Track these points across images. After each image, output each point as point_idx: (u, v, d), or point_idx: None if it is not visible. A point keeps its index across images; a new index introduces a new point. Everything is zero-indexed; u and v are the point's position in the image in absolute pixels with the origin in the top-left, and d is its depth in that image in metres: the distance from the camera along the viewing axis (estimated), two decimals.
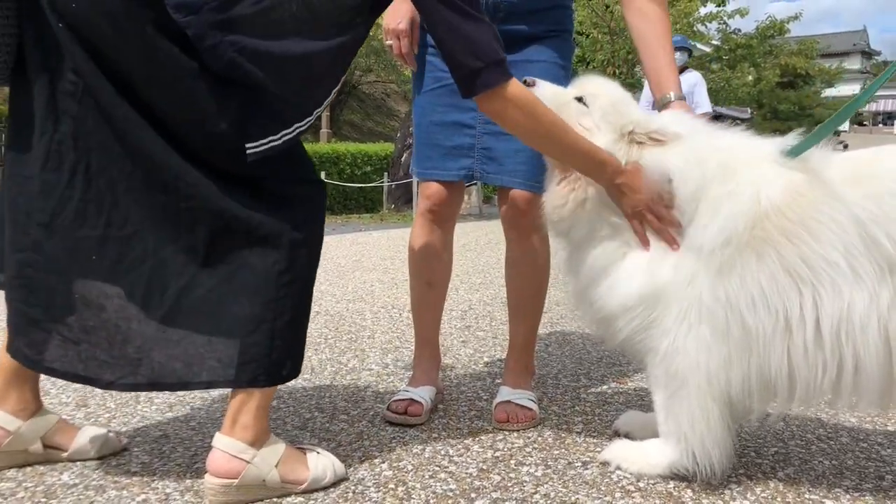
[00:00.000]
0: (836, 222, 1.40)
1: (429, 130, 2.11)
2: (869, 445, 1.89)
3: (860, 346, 1.38)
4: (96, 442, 1.75)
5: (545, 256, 2.17)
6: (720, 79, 19.06)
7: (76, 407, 2.16)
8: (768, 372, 1.48)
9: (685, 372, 1.55)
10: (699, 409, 1.55)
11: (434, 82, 2.08)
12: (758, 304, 1.46)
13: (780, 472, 1.72)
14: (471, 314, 3.56)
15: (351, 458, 1.79)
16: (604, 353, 2.78)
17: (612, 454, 1.75)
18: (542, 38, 2.05)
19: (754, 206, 1.47)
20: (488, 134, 2.04)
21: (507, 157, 2.04)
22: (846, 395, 1.45)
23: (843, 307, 1.39)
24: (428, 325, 2.23)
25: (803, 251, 1.42)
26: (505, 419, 2.00)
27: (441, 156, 2.09)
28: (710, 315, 1.50)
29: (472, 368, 2.59)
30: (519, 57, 2.01)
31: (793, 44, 28.59)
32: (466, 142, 2.06)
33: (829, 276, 1.40)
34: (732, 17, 17.47)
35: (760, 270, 1.46)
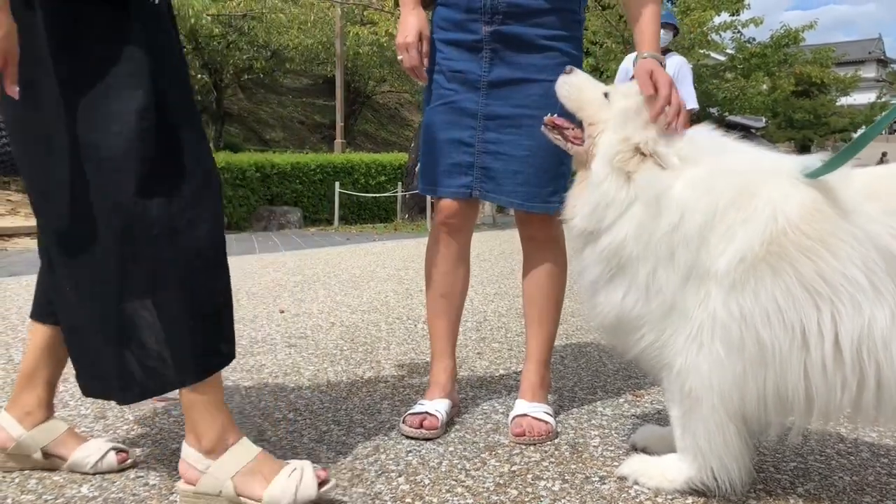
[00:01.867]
0: (856, 238, 1.39)
1: (430, 147, 2.13)
2: (890, 461, 1.87)
3: (883, 362, 1.37)
4: (92, 457, 1.76)
5: (562, 268, 2.18)
6: (735, 87, 18.98)
7: (94, 419, 2.17)
8: (785, 388, 1.47)
9: (699, 390, 1.54)
10: (715, 425, 1.55)
11: (437, 99, 2.11)
12: (773, 319, 1.45)
13: (799, 488, 1.71)
14: (486, 325, 3.55)
15: (367, 471, 1.79)
16: (620, 365, 2.77)
17: (630, 469, 1.75)
18: (543, 47, 2.03)
19: (771, 224, 1.46)
20: (487, 153, 2.05)
21: (506, 178, 2.05)
22: (868, 411, 1.44)
23: (864, 324, 1.38)
24: (443, 338, 2.23)
25: (821, 267, 1.41)
26: (521, 433, 1.99)
27: (441, 172, 2.11)
28: (724, 331, 1.49)
29: (488, 381, 2.59)
30: (518, 73, 2.02)
31: (807, 52, 28.47)
32: (465, 160, 2.07)
33: (849, 292, 1.39)
34: (747, 26, 17.41)
35: (776, 286, 1.44)
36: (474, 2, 2.01)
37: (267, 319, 3.68)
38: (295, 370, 2.72)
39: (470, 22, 2.03)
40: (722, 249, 1.49)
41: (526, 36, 2.01)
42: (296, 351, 3.01)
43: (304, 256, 6.75)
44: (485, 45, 2.03)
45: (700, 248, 1.52)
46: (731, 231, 1.49)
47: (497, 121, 2.04)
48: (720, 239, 1.50)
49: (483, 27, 2.02)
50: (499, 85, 2.04)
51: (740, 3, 16.63)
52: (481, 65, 2.04)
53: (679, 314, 1.55)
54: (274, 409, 2.26)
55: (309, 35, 17.37)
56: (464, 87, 2.06)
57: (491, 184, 2.07)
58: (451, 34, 2.08)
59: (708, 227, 1.51)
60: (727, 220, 1.50)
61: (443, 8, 2.10)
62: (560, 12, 2.03)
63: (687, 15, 15.67)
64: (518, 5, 1.99)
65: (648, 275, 1.57)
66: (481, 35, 2.02)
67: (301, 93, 23.17)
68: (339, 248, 7.76)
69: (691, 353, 1.53)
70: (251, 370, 2.72)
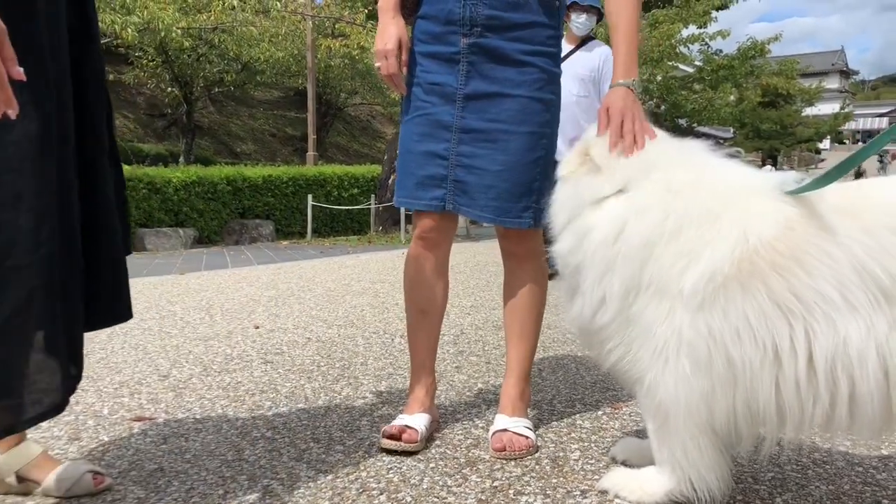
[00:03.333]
0: (829, 255, 1.39)
1: (406, 159, 2.13)
2: (864, 469, 1.90)
3: (858, 377, 1.37)
4: (67, 481, 1.72)
5: (542, 283, 2.19)
6: (703, 99, 19.24)
7: (68, 440, 2.13)
8: (756, 403, 1.47)
9: (667, 405, 1.54)
10: (688, 438, 1.55)
11: (414, 111, 2.11)
12: (743, 337, 1.44)
13: (777, 498, 1.73)
14: (463, 339, 3.55)
15: (349, 489, 1.78)
16: (598, 377, 2.79)
17: (611, 482, 1.75)
18: (521, 62, 2.03)
19: (741, 244, 1.46)
20: (461, 167, 2.05)
21: (479, 192, 2.05)
22: (840, 425, 1.44)
23: (838, 340, 1.38)
24: (421, 352, 2.22)
25: (793, 285, 1.41)
26: (502, 448, 1.99)
27: (415, 185, 2.10)
28: (691, 348, 1.48)
29: (467, 395, 2.59)
30: (494, 87, 2.02)
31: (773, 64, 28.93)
32: (440, 172, 2.07)
33: (822, 309, 1.39)
34: (714, 38, 17.64)
35: (747, 304, 1.44)
36: (453, 14, 2.02)
37: (242, 336, 3.65)
38: (271, 387, 2.70)
39: (449, 34, 2.04)
40: (683, 267, 1.49)
41: (504, 49, 2.02)
42: (272, 367, 2.99)
43: (278, 270, 6.70)
44: (462, 58, 2.03)
45: (647, 262, 1.52)
46: (693, 250, 1.48)
47: (472, 134, 2.04)
48: (677, 257, 1.49)
49: (462, 39, 2.02)
50: (474, 98, 2.04)
51: (707, 16, 16.87)
52: (458, 77, 2.04)
53: (641, 329, 1.55)
54: (252, 428, 2.24)
55: (280, 48, 17.30)
56: (440, 99, 2.06)
57: (464, 197, 2.06)
58: (431, 46, 2.08)
59: (656, 243, 1.52)
60: (684, 238, 1.50)
61: (422, 21, 2.11)
62: (539, 27, 2.04)
63: (656, 28, 15.86)
64: (497, 18, 2.00)
65: (592, 286, 1.61)
66: (459, 47, 2.03)
67: (272, 105, 23.07)
68: (313, 262, 7.72)
69: (658, 368, 1.53)
70: (227, 388, 2.69)
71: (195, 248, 10.91)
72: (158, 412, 2.40)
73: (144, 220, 10.80)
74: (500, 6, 2.00)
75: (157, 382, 2.77)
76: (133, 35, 13.28)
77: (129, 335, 3.63)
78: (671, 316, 1.50)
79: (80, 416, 2.35)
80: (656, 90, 18.57)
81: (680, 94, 18.95)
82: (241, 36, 16.34)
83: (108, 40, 13.83)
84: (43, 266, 1.47)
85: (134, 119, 19.48)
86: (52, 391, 1.52)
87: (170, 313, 4.31)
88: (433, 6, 2.07)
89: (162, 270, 7.22)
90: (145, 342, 3.48)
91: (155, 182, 11.01)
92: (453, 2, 2.01)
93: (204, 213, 11.72)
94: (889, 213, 1.38)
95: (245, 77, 18.67)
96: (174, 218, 11.26)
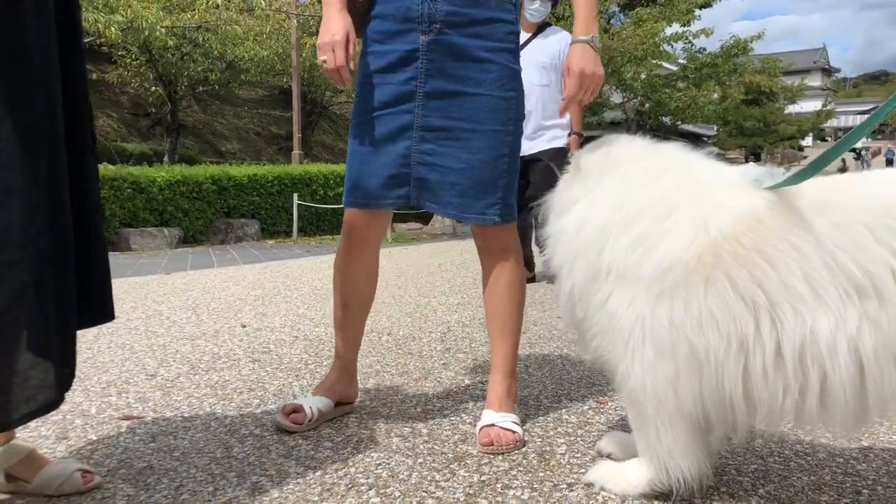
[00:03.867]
0: (797, 249, 1.41)
1: (365, 159, 2.10)
2: (845, 460, 1.94)
3: (829, 369, 1.39)
4: (56, 479, 1.73)
5: (520, 278, 2.21)
6: (687, 97, 19.36)
7: (56, 440, 2.14)
8: (722, 392, 1.49)
9: (637, 392, 1.58)
10: (661, 424, 1.58)
11: (371, 111, 2.08)
12: (706, 328, 1.47)
13: (760, 490, 1.76)
14: (450, 336, 3.57)
15: (337, 485, 1.80)
16: (584, 373, 2.82)
17: (597, 475, 1.78)
18: (482, 59, 2.03)
19: (701, 236, 1.49)
20: (423, 165, 2.06)
21: (443, 190, 2.06)
22: (811, 417, 1.46)
23: (806, 331, 1.40)
24: (343, 344, 2.31)
25: (758, 277, 1.43)
26: (489, 443, 2.01)
27: (377, 185, 2.09)
28: (653, 336, 1.52)
29: (455, 391, 2.61)
30: (455, 86, 2.03)
31: (756, 62, 29.16)
32: (403, 171, 2.07)
33: (789, 301, 1.41)
34: (697, 36, 17.83)
35: (709, 295, 1.46)
36: (412, 11, 2.01)
37: (229, 335, 3.65)
38: (259, 385, 2.71)
39: (406, 32, 2.03)
40: (640, 256, 1.53)
41: (465, 47, 2.02)
42: (259, 366, 3.00)
43: (264, 270, 6.70)
44: (421, 55, 2.02)
45: (603, 250, 1.58)
46: (648, 239, 1.53)
47: (434, 132, 2.04)
48: (633, 245, 1.55)
49: (420, 37, 2.01)
50: (435, 96, 2.03)
51: (691, 15, 17.01)
52: (417, 75, 2.03)
53: (608, 317, 1.59)
54: (240, 425, 2.25)
55: (265, 46, 17.26)
56: (399, 98, 2.05)
57: (428, 194, 2.08)
58: (387, 45, 2.06)
59: (610, 231, 1.58)
60: (639, 227, 1.55)
61: (377, 21, 2.08)
62: (498, 23, 2.04)
63: (640, 26, 15.96)
64: (456, 14, 2.00)
65: (564, 278, 1.71)
66: (418, 45, 2.02)
67: (257, 104, 22.99)
68: (299, 261, 7.72)
69: (627, 356, 1.57)
70: (215, 386, 2.70)
71: (180, 247, 10.88)
72: (146, 411, 2.41)
73: (129, 220, 10.75)
74: (460, 2, 2.00)
75: (144, 381, 2.77)
76: (116, 34, 13.22)
77: (115, 335, 3.62)
78: (633, 304, 1.54)
79: (68, 416, 2.35)
80: (640, 88, 18.69)
81: (664, 92, 19.08)
82: (225, 34, 16.30)
83: (91, 39, 13.75)
84: (33, 263, 1.47)
85: (118, 118, 19.38)
86: (45, 388, 1.52)
87: (156, 313, 4.30)
88: (389, 4, 2.05)
89: (147, 270, 7.19)
90: (132, 342, 3.48)
91: (139, 182, 10.96)
92: (411, 0, 2.01)
93: (189, 212, 11.68)
94: (861, 208, 1.40)
95: (230, 76, 18.61)
96: (159, 217, 11.21)
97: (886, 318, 1.35)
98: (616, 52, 15.74)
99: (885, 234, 1.35)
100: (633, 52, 15.82)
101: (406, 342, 3.43)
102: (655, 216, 1.55)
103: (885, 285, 1.35)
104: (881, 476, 1.83)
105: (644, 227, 1.55)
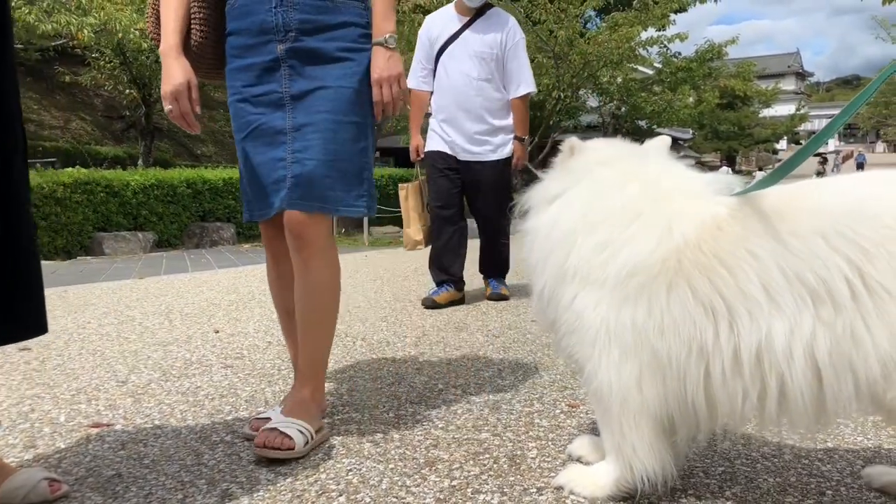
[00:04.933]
0: (755, 256, 1.44)
1: (253, 173, 2.15)
2: (810, 462, 1.97)
3: (786, 374, 1.42)
4: (23, 489, 1.71)
5: (328, 277, 2.18)
6: (662, 101, 19.50)
7: (24, 448, 2.11)
8: (684, 395, 1.53)
9: (603, 391, 1.61)
10: (626, 423, 1.60)
11: (247, 126, 2.13)
12: (667, 333, 1.50)
13: (727, 491, 1.78)
14: (425, 340, 3.57)
15: (308, 492, 1.79)
16: (556, 377, 2.83)
17: (566, 479, 1.79)
18: (339, 58, 2.09)
19: (665, 242, 1.52)
20: (296, 163, 2.06)
21: (315, 185, 2.06)
22: (771, 420, 1.49)
23: (762, 337, 1.43)
24: (294, 353, 2.30)
25: (717, 284, 1.46)
26: (261, 443, 1.97)
27: (267, 194, 2.13)
28: (618, 337, 1.56)
29: (427, 396, 2.61)
30: (314, 84, 2.07)
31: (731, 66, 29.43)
32: (281, 174, 2.09)
33: (745, 307, 1.44)
34: (673, 41, 17.92)
35: (671, 301, 1.50)
36: (266, 23, 2.07)
37: (202, 340, 3.63)
38: (232, 391, 2.69)
39: (264, 44, 2.09)
40: (604, 259, 1.57)
41: (321, 49, 2.08)
42: (232, 372, 2.98)
43: (239, 274, 6.66)
44: (283, 63, 2.08)
45: (570, 252, 1.63)
46: (613, 243, 1.57)
47: (302, 130, 2.07)
48: (598, 248, 1.59)
49: (278, 46, 2.07)
50: (300, 97, 2.08)
51: (666, 19, 17.12)
52: (282, 82, 2.08)
53: (575, 317, 1.62)
54: (211, 432, 2.24)
55: None
56: (270, 108, 2.10)
57: (298, 191, 2.05)
58: (247, 60, 2.11)
59: (578, 232, 1.63)
60: (603, 231, 1.60)
61: (233, 37, 2.15)
62: (351, 26, 2.11)
63: (615, 30, 16.05)
64: (310, 21, 2.07)
65: (536, 278, 1.75)
66: (277, 54, 2.08)
67: None
68: None
69: (594, 356, 1.60)
70: (186, 392, 2.68)
71: (155, 251, 10.78)
72: (116, 418, 2.39)
73: (103, 224, 10.63)
74: (311, 10, 2.07)
75: (115, 388, 2.75)
76: (89, 36, 13.08)
77: (86, 341, 3.59)
78: (598, 306, 1.58)
79: (36, 424, 2.33)
80: (616, 92, 18.80)
81: (640, 95, 19.21)
82: None
83: (63, 41, 13.59)
84: None
85: (91, 121, 19.18)
86: None
87: (128, 318, 4.26)
88: (242, 21, 2.11)
89: (121, 275, 7.12)
90: (103, 348, 3.45)
91: (113, 185, 10.84)
92: (264, 13, 2.07)
93: (163, 216, 11.57)
94: (817, 216, 1.42)
95: None
96: (133, 221, 11.10)
97: (841, 324, 1.38)
98: (592, 57, 15.82)
99: (839, 241, 1.38)
100: (609, 57, 15.90)
101: (380, 347, 3.43)
102: (620, 221, 1.59)
103: (839, 293, 1.37)
104: (845, 477, 1.86)
105: (609, 231, 1.59)
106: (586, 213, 1.65)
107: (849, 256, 1.37)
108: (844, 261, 1.37)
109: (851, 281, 1.36)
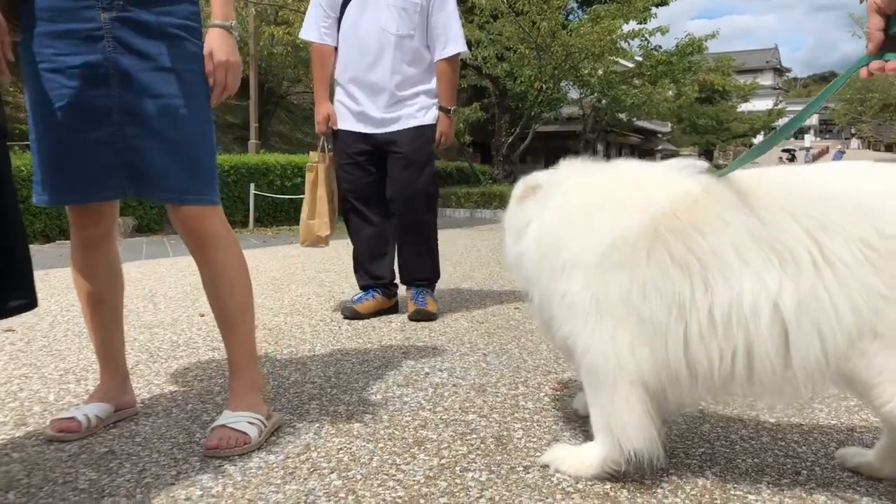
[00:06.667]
0: (724, 221, 1.55)
1: (62, 153, 1.89)
2: (787, 444, 2.04)
3: (752, 332, 1.51)
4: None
5: (233, 263, 2.09)
6: (642, 94, 19.65)
7: (15, 426, 2.13)
8: (668, 358, 1.61)
9: (599, 363, 1.67)
10: (618, 396, 1.66)
11: (59, 100, 1.86)
12: (650, 297, 1.59)
13: (707, 472, 1.84)
14: (410, 325, 3.61)
15: (300, 469, 1.83)
16: (540, 361, 2.88)
17: (551, 457, 1.85)
18: (174, 35, 1.91)
19: (643, 212, 1.63)
20: (131, 150, 1.89)
21: (158, 175, 1.92)
22: (740, 383, 1.57)
23: (733, 295, 1.52)
24: (102, 344, 2.18)
25: (692, 246, 1.56)
26: (215, 446, 1.92)
27: (85, 179, 1.91)
28: (609, 309, 1.64)
29: (414, 378, 2.65)
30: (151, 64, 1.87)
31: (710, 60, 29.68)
32: (109, 161, 1.89)
33: (718, 267, 1.54)
34: (654, 34, 18.05)
35: (651, 265, 1.59)
36: None
37: (187, 324, 3.64)
38: (220, 373, 2.72)
39: (83, 10, 1.84)
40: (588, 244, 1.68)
41: (153, 23, 1.88)
42: (219, 354, 3.00)
43: None
44: (105, 34, 1.85)
45: (560, 252, 1.73)
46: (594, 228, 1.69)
47: (138, 115, 1.88)
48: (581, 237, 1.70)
49: (101, 14, 1.84)
50: (131, 76, 1.87)
51: (647, 13, 17.23)
52: (105, 55, 1.85)
53: (570, 301, 1.70)
54: (201, 412, 2.27)
55: None
56: (88, 82, 1.85)
57: (142, 181, 1.92)
58: (60, 25, 1.84)
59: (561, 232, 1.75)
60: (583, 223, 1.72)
61: None
62: (182, 2, 1.95)
63: (597, 23, 16.13)
64: None
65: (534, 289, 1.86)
66: (100, 23, 1.84)
67: None
68: (256, 251, 7.69)
69: (588, 330, 1.68)
70: (174, 374, 2.70)
71: (134, 236, 10.71)
72: None
73: None
74: None
75: None
76: None
77: (71, 322, 3.59)
78: (588, 284, 1.67)
79: (26, 403, 2.34)
80: (597, 84, 18.90)
81: (620, 88, 19.34)
82: None
83: None
84: None
85: None
86: None
87: None
88: None
89: None
90: None
91: None
92: None
93: (143, 201, 11.50)
94: (784, 195, 1.54)
95: None
96: None
97: (806, 284, 1.47)
98: (574, 48, 15.90)
99: (804, 219, 1.49)
100: (591, 49, 15.99)
101: (366, 331, 3.46)
102: (599, 208, 1.72)
103: (801, 260, 1.48)
104: (819, 458, 1.93)
105: (590, 219, 1.72)
106: (567, 215, 1.77)
107: (810, 230, 1.48)
108: (806, 234, 1.48)
109: (812, 252, 1.47)
